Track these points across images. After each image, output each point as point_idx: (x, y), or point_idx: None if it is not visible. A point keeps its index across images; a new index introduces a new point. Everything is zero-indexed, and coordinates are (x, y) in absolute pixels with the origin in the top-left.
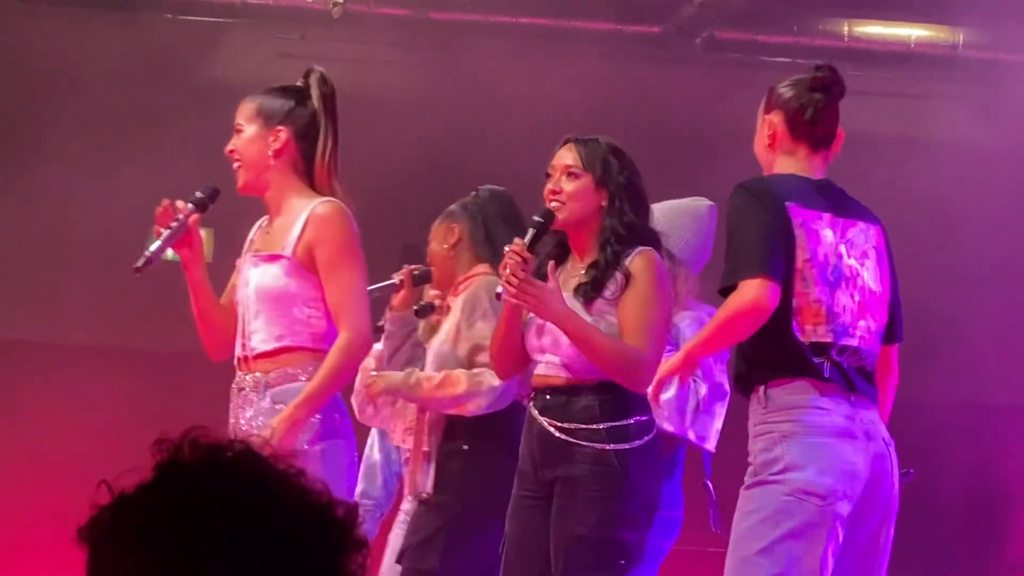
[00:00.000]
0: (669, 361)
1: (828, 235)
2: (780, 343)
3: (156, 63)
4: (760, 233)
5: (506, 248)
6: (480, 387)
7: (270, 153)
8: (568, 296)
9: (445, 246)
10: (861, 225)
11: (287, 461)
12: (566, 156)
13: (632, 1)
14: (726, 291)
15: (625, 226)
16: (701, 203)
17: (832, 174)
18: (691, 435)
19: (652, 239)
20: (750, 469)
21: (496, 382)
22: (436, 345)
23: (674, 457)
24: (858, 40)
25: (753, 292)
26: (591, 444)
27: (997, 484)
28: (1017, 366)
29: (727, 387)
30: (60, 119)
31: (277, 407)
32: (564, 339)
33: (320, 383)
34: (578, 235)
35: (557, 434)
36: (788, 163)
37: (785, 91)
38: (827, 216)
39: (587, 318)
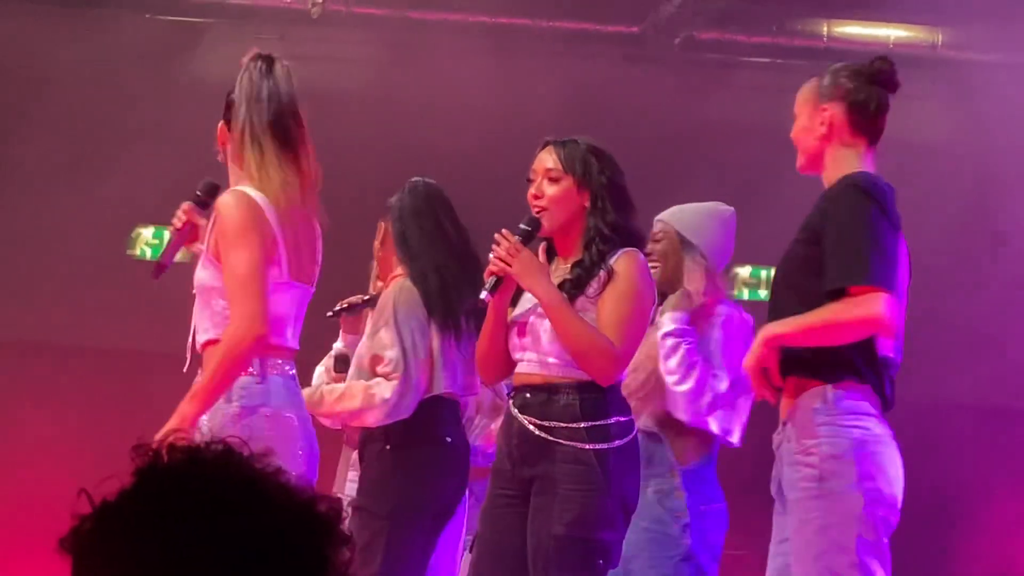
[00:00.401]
0: (752, 351)
1: (903, 249)
2: (863, 349)
3: (135, 62)
4: (892, 250)
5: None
6: (373, 400)
7: (219, 142)
8: None
9: (376, 243)
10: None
11: (266, 460)
12: (546, 159)
13: (611, 1)
14: (835, 292)
15: (609, 226)
16: (724, 208)
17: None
18: (714, 427)
19: (636, 239)
20: (812, 472)
21: (388, 393)
22: (359, 348)
23: (711, 453)
24: (837, 40)
25: (884, 309)
26: (571, 443)
27: (953, 487)
28: (962, 366)
29: None
30: (36, 117)
31: None
32: (545, 337)
33: (208, 378)
34: (563, 237)
35: (537, 432)
36: (848, 156)
37: (847, 81)
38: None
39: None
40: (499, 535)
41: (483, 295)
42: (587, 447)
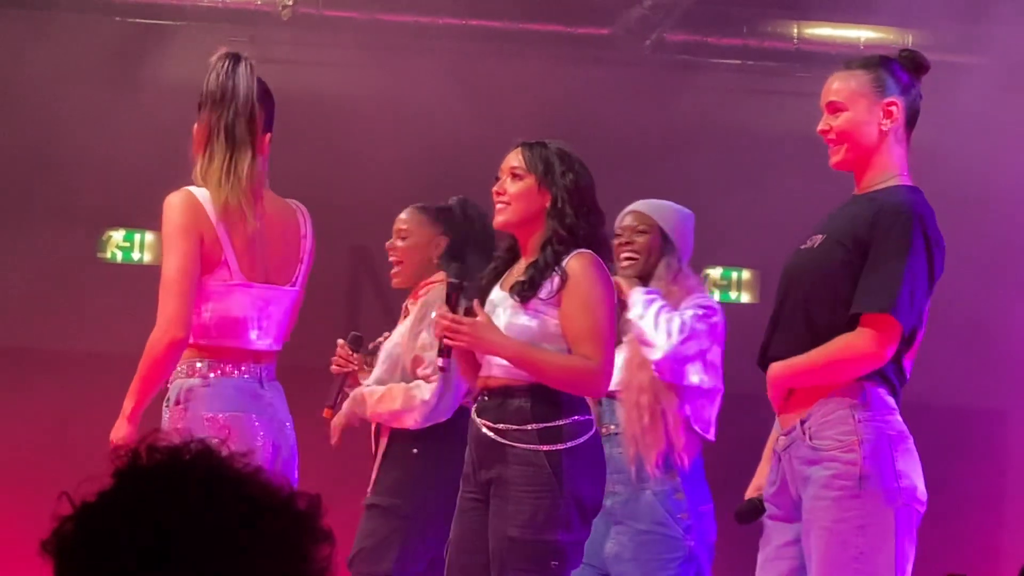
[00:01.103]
0: (770, 391)
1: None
2: (894, 360)
3: (105, 65)
4: (923, 286)
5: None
6: (413, 402)
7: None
8: (504, 295)
9: (432, 257)
10: None
11: (245, 459)
12: (513, 159)
13: (581, 3)
14: (854, 319)
15: (566, 228)
16: (683, 208)
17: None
18: (696, 426)
19: (597, 243)
20: (853, 470)
21: (428, 395)
22: (388, 346)
23: (700, 452)
24: (808, 42)
25: (888, 346)
26: (522, 445)
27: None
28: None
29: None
30: (4, 120)
31: (166, 405)
32: None
33: (135, 377)
34: (523, 236)
35: (491, 435)
36: (897, 156)
37: (905, 73)
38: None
39: (522, 317)
40: (467, 538)
41: (438, 362)
42: (539, 449)
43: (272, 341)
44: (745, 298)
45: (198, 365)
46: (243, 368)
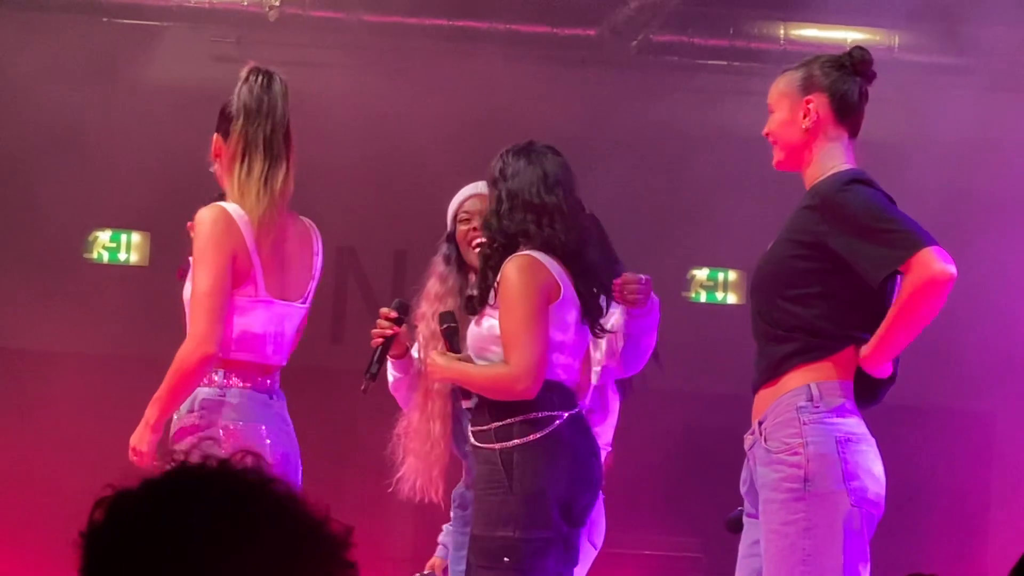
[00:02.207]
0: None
1: None
2: (844, 347)
3: (91, 66)
4: (907, 217)
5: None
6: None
7: (212, 154)
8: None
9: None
10: None
11: (282, 479)
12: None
13: (568, 4)
14: (889, 275)
15: (502, 233)
16: None
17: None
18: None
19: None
20: (797, 472)
21: None
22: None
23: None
24: (794, 43)
25: (941, 263)
26: (484, 445)
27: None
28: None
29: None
30: None
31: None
32: (467, 344)
33: (162, 388)
34: None
35: (471, 439)
36: (833, 150)
37: (828, 72)
38: None
39: (475, 326)
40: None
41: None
42: (495, 447)
43: (282, 356)
44: (731, 299)
45: (215, 376)
46: (257, 381)
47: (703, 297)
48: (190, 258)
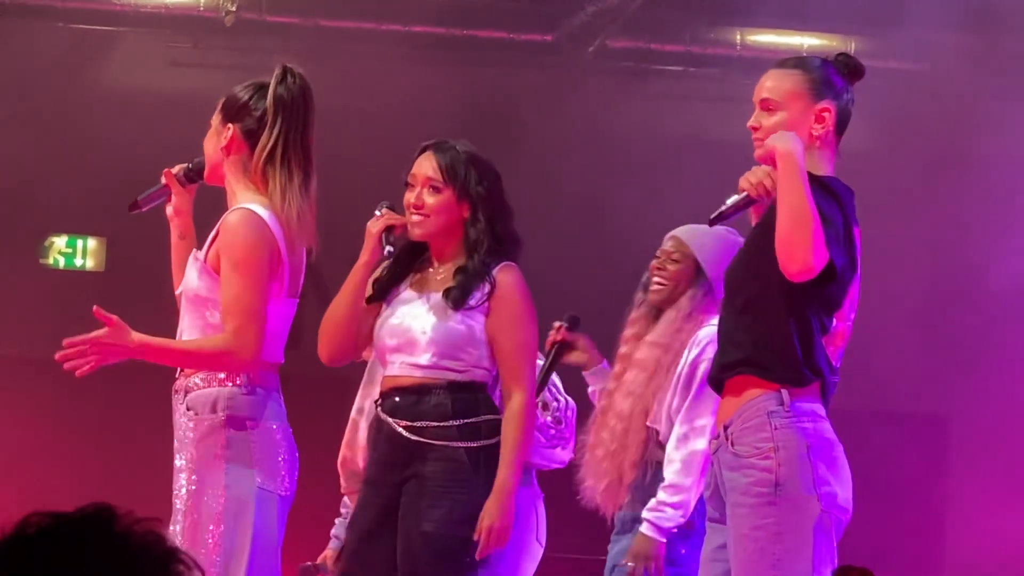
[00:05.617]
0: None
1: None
2: (813, 353)
3: (48, 71)
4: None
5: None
6: None
7: (221, 149)
8: (437, 297)
9: None
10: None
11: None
12: (427, 167)
13: (525, 9)
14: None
15: (491, 236)
16: (738, 237)
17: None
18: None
19: (515, 249)
20: (768, 477)
21: None
22: None
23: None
24: (750, 49)
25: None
26: (442, 442)
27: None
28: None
29: None
30: None
31: (189, 413)
32: (420, 340)
33: (183, 351)
34: (440, 243)
35: (407, 435)
36: (823, 158)
37: (838, 78)
38: (858, 232)
39: (452, 321)
40: (366, 544)
41: (387, 249)
42: (458, 445)
43: (283, 353)
44: None
45: (237, 377)
46: (271, 380)
47: None
48: (149, 190)
